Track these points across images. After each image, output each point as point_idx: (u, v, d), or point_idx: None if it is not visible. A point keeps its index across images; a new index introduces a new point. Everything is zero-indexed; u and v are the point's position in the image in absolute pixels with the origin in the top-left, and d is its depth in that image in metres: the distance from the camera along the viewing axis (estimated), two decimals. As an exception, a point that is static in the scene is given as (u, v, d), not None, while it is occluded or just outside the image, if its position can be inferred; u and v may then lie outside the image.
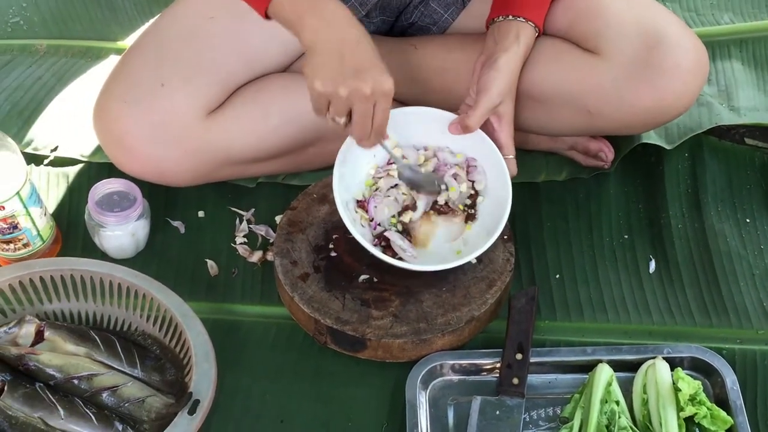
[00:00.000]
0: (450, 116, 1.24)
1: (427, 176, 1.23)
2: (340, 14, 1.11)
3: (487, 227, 1.21)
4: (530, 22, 1.22)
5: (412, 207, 1.24)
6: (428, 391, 1.17)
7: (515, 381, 1.15)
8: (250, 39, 1.30)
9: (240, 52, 1.29)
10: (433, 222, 1.24)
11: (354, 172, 1.23)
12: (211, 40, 1.29)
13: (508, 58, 1.20)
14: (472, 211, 1.25)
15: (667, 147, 1.43)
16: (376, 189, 1.24)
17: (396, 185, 1.24)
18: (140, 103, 1.24)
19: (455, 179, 1.25)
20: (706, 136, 1.47)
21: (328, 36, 1.09)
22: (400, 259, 1.20)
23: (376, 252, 1.17)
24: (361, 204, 1.24)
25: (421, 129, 1.25)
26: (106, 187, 1.29)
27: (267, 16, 1.13)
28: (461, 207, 1.25)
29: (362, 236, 1.17)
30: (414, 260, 1.20)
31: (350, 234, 1.19)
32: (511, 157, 1.22)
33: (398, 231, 1.23)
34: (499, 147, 1.22)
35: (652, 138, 1.42)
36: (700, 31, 1.65)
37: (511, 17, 1.23)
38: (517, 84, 1.25)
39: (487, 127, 1.23)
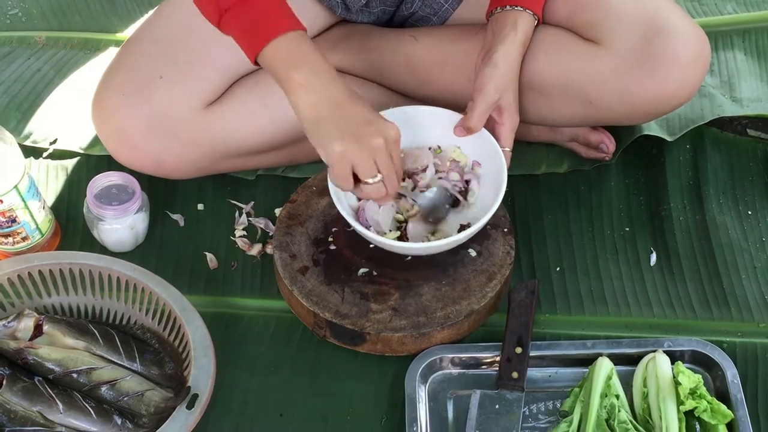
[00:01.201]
0: (444, 112, 1.24)
1: (436, 201, 1.22)
2: (328, 70, 1.09)
3: (482, 212, 1.21)
4: (528, 11, 1.22)
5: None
6: (427, 384, 1.17)
7: (515, 375, 1.14)
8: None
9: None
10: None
11: None
12: (209, 33, 1.27)
13: (505, 50, 1.20)
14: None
15: (669, 139, 1.42)
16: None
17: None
18: (139, 95, 1.24)
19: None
20: (707, 127, 1.46)
21: (319, 92, 1.08)
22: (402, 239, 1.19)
23: (371, 234, 1.16)
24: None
25: (419, 127, 1.25)
26: (104, 180, 1.29)
27: (256, 63, 1.11)
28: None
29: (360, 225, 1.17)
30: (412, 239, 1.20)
31: (350, 227, 1.18)
32: (507, 149, 1.22)
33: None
34: (498, 139, 1.21)
35: (653, 129, 1.41)
36: (702, 20, 1.64)
37: (508, 7, 1.22)
38: (520, 74, 1.24)
39: (489, 121, 1.22)
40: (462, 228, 1.20)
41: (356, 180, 1.11)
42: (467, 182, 1.24)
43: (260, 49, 1.08)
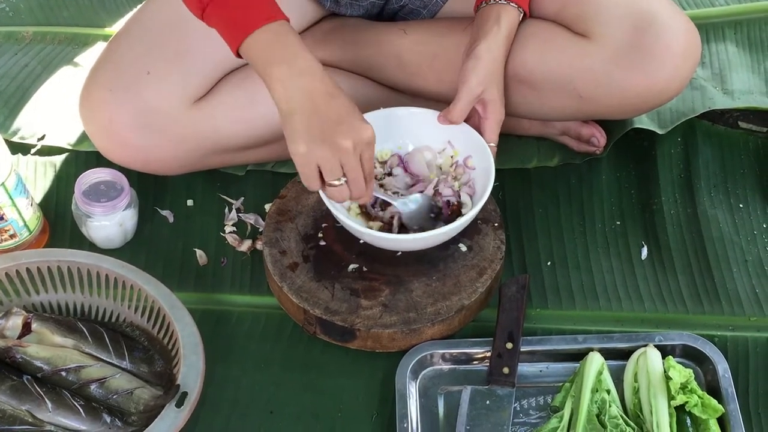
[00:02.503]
0: (426, 112, 1.24)
1: (418, 209, 1.21)
2: (311, 67, 1.07)
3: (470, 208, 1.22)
4: (513, 4, 1.21)
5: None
6: (418, 380, 1.17)
7: (506, 370, 1.14)
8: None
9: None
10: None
11: None
12: (197, 28, 1.26)
13: (488, 43, 1.19)
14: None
15: (660, 132, 1.41)
16: None
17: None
18: (126, 90, 1.23)
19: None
20: (699, 120, 1.46)
21: (298, 91, 1.06)
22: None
23: (358, 227, 1.15)
24: None
25: (403, 127, 1.26)
26: (93, 176, 1.28)
27: (239, 55, 1.10)
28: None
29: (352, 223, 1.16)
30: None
31: (339, 223, 1.18)
32: (492, 145, 1.21)
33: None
34: (483, 133, 1.21)
35: (644, 123, 1.41)
36: (693, 12, 1.63)
37: (493, 1, 1.21)
38: (507, 68, 1.24)
39: (473, 115, 1.22)
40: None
41: (324, 180, 1.09)
42: (459, 196, 1.24)
43: (241, 41, 1.07)
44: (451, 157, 1.26)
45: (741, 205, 1.38)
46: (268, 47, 1.07)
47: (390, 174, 1.27)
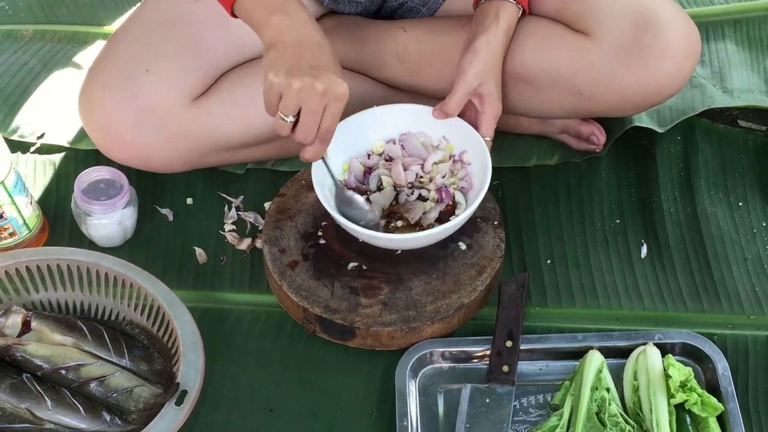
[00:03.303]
0: (420, 108, 1.25)
1: (359, 209, 1.20)
2: (305, 18, 1.11)
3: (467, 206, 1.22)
4: (512, 1, 1.21)
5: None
6: (418, 379, 1.17)
7: (505, 368, 1.14)
8: (235, 24, 1.28)
9: (225, 37, 1.28)
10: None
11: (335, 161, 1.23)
12: (196, 25, 1.27)
13: (487, 38, 1.19)
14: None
15: (659, 130, 1.41)
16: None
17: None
18: (125, 89, 1.23)
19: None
20: (698, 118, 1.46)
21: (289, 36, 1.08)
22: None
23: (356, 228, 1.16)
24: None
25: (399, 123, 1.26)
26: (92, 175, 1.28)
27: (234, 15, 1.12)
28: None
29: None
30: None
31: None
32: (488, 139, 1.21)
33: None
34: (479, 127, 1.21)
35: (644, 121, 1.41)
36: (693, 11, 1.63)
37: None
38: (507, 65, 1.24)
39: (470, 109, 1.22)
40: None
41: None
42: (454, 197, 1.24)
43: None
44: (450, 156, 1.25)
45: (740, 204, 1.38)
46: (265, 1, 1.10)
47: (390, 159, 1.26)
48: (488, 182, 1.16)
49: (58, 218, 1.35)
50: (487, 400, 1.13)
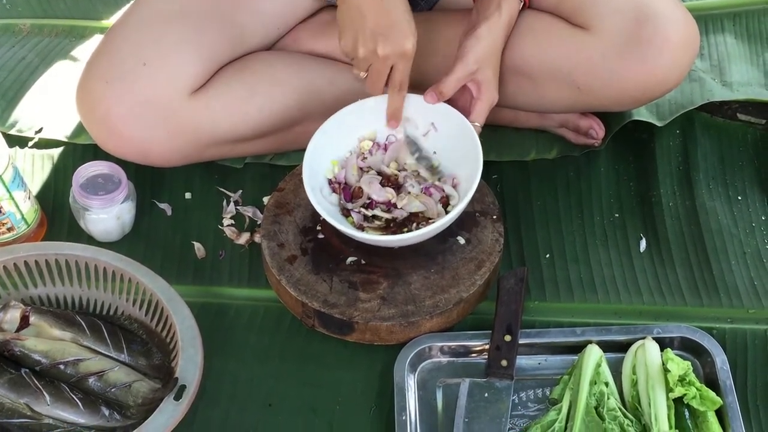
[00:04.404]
0: (409, 96, 1.24)
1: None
2: None
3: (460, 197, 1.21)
4: None
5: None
6: (417, 373, 1.17)
7: (504, 363, 1.14)
8: (234, 17, 1.29)
9: (223, 30, 1.28)
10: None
11: (323, 157, 1.23)
12: (194, 18, 1.27)
13: (488, 26, 1.19)
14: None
15: (659, 124, 1.41)
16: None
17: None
18: (122, 82, 1.23)
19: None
20: (697, 112, 1.46)
21: None
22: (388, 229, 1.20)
23: (350, 231, 1.16)
24: (333, 185, 1.24)
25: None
26: (90, 169, 1.28)
27: None
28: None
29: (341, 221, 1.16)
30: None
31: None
32: (477, 124, 1.21)
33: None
34: (471, 112, 1.20)
35: (643, 115, 1.41)
36: (692, 4, 1.63)
37: None
38: (505, 59, 1.24)
39: (465, 95, 1.21)
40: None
41: None
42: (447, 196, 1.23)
43: None
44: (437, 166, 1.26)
45: (739, 198, 1.37)
46: None
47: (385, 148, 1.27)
48: (480, 169, 1.15)
49: (56, 213, 1.35)
50: (486, 395, 1.13)
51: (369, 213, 1.21)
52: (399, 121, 1.23)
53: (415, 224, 1.19)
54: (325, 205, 1.19)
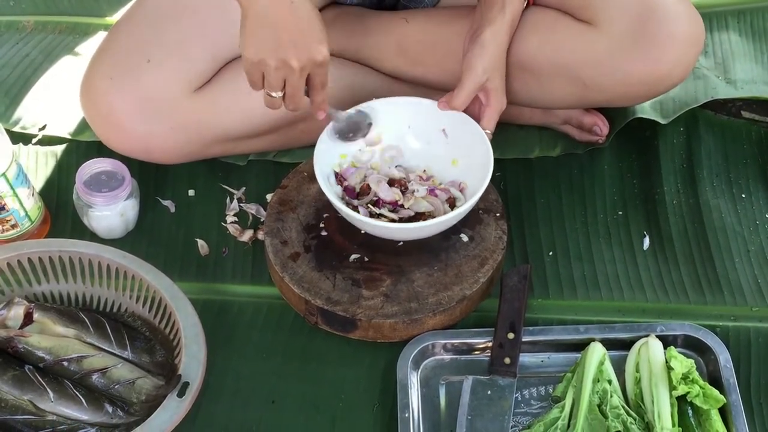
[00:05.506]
0: (420, 101, 1.25)
1: (353, 120, 1.23)
2: None
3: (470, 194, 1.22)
4: None
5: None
6: (419, 370, 1.17)
7: (507, 360, 1.14)
8: (238, 13, 1.28)
9: (227, 26, 1.27)
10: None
11: (333, 150, 1.24)
12: (198, 15, 1.27)
13: (493, 31, 1.19)
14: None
15: (662, 121, 1.41)
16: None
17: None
18: (126, 79, 1.23)
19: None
20: (701, 109, 1.45)
21: (271, 4, 1.05)
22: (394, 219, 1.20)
23: (357, 216, 1.16)
24: (339, 177, 1.24)
25: (399, 116, 1.26)
26: (94, 166, 1.28)
27: None
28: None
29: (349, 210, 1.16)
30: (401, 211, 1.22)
31: (340, 213, 1.18)
32: (488, 131, 1.21)
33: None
34: (481, 119, 1.21)
35: (646, 112, 1.40)
36: (697, 1, 1.61)
37: None
38: (510, 55, 1.24)
39: (474, 103, 1.21)
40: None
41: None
42: (453, 198, 1.24)
43: None
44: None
45: (743, 195, 1.37)
46: None
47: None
48: (490, 175, 1.16)
49: (60, 210, 1.35)
50: (489, 392, 1.13)
51: (376, 210, 1.21)
52: (325, 110, 1.16)
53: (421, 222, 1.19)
54: (333, 192, 1.19)
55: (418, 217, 1.22)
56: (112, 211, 1.27)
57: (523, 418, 1.13)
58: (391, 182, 1.24)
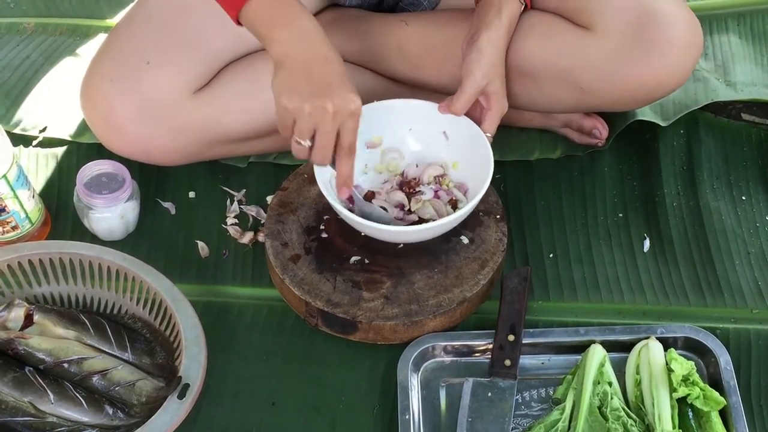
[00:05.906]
0: (421, 104, 1.25)
1: (371, 214, 1.21)
2: (311, 30, 1.09)
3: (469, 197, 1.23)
4: None
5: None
6: (420, 373, 1.17)
7: (507, 362, 1.14)
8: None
9: (227, 28, 1.26)
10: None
11: None
12: (198, 17, 1.27)
13: (489, 35, 1.19)
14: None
15: (662, 124, 1.41)
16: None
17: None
18: (126, 81, 1.23)
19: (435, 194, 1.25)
20: (701, 112, 1.46)
21: (296, 51, 1.08)
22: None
23: (358, 219, 1.15)
24: None
25: (400, 119, 1.26)
26: (94, 168, 1.28)
27: (239, 23, 1.11)
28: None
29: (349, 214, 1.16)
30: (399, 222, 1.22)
31: (341, 215, 1.18)
32: (489, 135, 1.21)
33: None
34: (482, 123, 1.21)
35: (647, 115, 1.41)
36: (696, 4, 1.62)
37: None
38: (509, 59, 1.24)
39: (476, 106, 1.21)
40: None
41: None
42: (455, 199, 1.24)
43: (241, 6, 1.08)
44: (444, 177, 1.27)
45: (743, 198, 1.37)
46: (268, 10, 1.08)
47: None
48: (490, 177, 1.16)
49: (60, 212, 1.35)
50: (489, 394, 1.13)
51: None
52: (350, 188, 1.13)
53: (421, 225, 1.19)
54: (334, 194, 1.18)
55: (421, 221, 1.22)
56: (112, 213, 1.27)
57: (524, 420, 1.13)
58: (401, 183, 1.25)
